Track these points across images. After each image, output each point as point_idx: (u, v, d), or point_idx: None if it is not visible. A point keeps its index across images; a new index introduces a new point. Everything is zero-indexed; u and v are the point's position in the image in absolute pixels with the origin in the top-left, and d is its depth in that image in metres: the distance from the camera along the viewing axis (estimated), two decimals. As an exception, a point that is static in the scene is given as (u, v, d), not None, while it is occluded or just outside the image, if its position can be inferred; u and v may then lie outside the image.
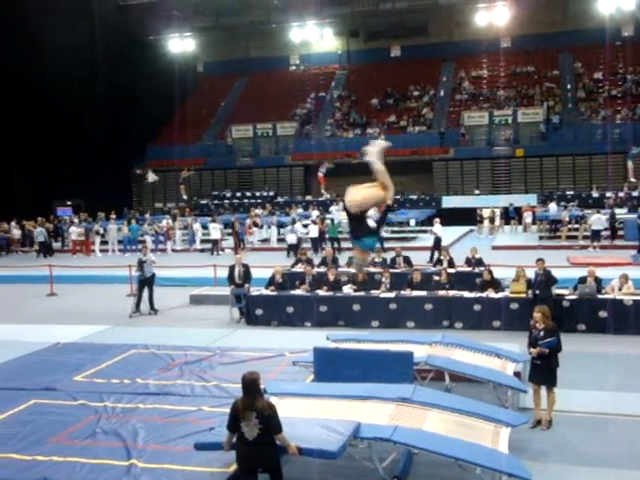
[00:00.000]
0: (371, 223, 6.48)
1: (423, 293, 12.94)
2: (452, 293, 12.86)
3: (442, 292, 12.92)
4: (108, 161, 35.90)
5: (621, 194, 29.23)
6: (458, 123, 37.81)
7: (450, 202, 34.01)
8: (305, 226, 24.66)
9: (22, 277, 19.76)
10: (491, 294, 12.62)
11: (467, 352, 8.91)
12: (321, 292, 13.30)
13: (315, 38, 43.97)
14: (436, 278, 13.48)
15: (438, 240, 20.47)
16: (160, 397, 8.16)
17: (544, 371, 7.70)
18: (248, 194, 37.86)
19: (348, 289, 13.49)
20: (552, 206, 27.70)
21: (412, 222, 28.06)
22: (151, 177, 36.25)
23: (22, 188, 32.31)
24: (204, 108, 42.79)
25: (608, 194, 29.23)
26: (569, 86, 38.83)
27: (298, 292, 13.48)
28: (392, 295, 12.94)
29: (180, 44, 42.98)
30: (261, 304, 13.37)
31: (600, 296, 12.15)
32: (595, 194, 30.98)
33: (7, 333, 12.40)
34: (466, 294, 12.77)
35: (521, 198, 32.04)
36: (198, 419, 7.28)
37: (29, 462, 6.36)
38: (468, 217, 29.85)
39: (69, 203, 35.18)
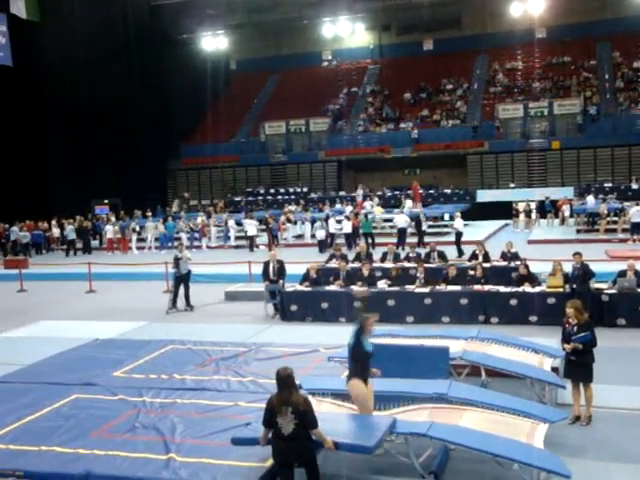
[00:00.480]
0: None
1: (458, 288, 12.84)
2: (488, 288, 12.73)
3: (477, 287, 12.80)
4: (144, 159, 36.44)
5: (662, 185, 28.60)
6: (492, 116, 37.35)
7: (485, 196, 33.67)
8: (339, 222, 24.67)
9: (62, 274, 20.18)
10: (527, 288, 12.46)
11: (503, 347, 8.82)
12: (355, 287, 13.28)
13: (347, 33, 43.89)
14: (471, 273, 13.36)
15: (459, 235, 20.51)
16: (197, 392, 8.26)
17: (579, 367, 7.56)
18: (281, 190, 38.02)
19: (383, 284, 13.46)
20: (590, 199, 27.21)
21: (446, 216, 27.86)
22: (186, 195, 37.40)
23: (61, 187, 32.97)
24: (237, 105, 43.06)
25: (648, 186, 28.63)
26: (607, 76, 38.01)
27: (332, 288, 13.49)
28: (427, 290, 12.87)
29: (213, 42, 43.30)
30: (296, 300, 13.42)
31: (640, 290, 11.90)
32: (635, 186, 30.33)
33: (48, 329, 12.69)
34: (502, 289, 12.63)
35: (558, 191, 31.52)
36: (234, 414, 7.35)
37: (72, 455, 6.51)
38: (503, 211, 29.51)
39: (106, 201, 35.77)
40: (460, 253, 19.52)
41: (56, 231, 28.77)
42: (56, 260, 24.48)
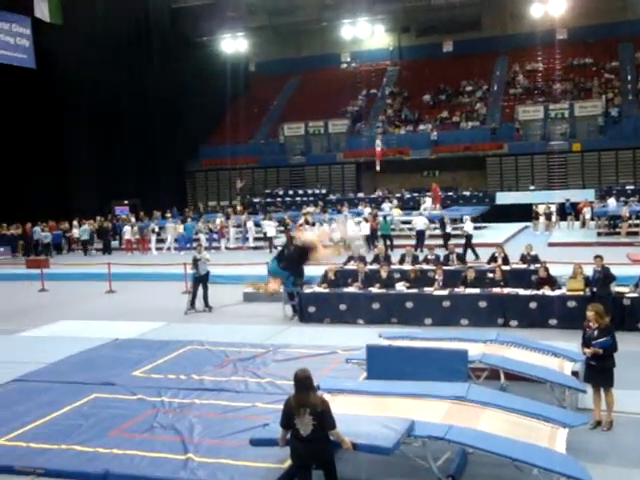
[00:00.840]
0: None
1: (477, 290, 12.77)
2: (507, 290, 12.65)
3: (496, 289, 12.72)
4: (164, 161, 36.68)
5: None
6: (512, 118, 37.11)
7: (504, 198, 33.46)
8: (357, 223, 24.63)
9: (82, 274, 20.37)
10: (547, 291, 12.35)
11: (523, 350, 8.75)
12: (374, 289, 13.26)
13: (366, 35, 43.84)
14: (490, 275, 13.28)
15: (469, 238, 20.33)
16: (215, 393, 8.30)
17: (599, 372, 7.46)
18: (300, 192, 38.07)
19: (401, 286, 13.41)
20: (611, 201, 26.91)
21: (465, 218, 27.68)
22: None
23: (82, 188, 33.27)
24: (256, 107, 43.19)
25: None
26: (629, 77, 37.58)
27: (351, 289, 13.48)
28: (445, 292, 12.81)
29: (232, 44, 43.48)
30: (314, 301, 13.42)
31: (663, 294, 11.74)
32: (657, 188, 29.97)
33: (69, 329, 12.81)
34: (521, 291, 12.53)
35: (578, 193, 31.24)
36: (252, 415, 7.37)
37: (91, 454, 6.57)
38: (523, 213, 29.31)
39: (126, 202, 36.06)
40: (476, 256, 19.36)
41: (76, 231, 29.06)
42: (76, 260, 24.72)
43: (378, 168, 34.53)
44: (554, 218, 28.36)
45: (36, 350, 10.95)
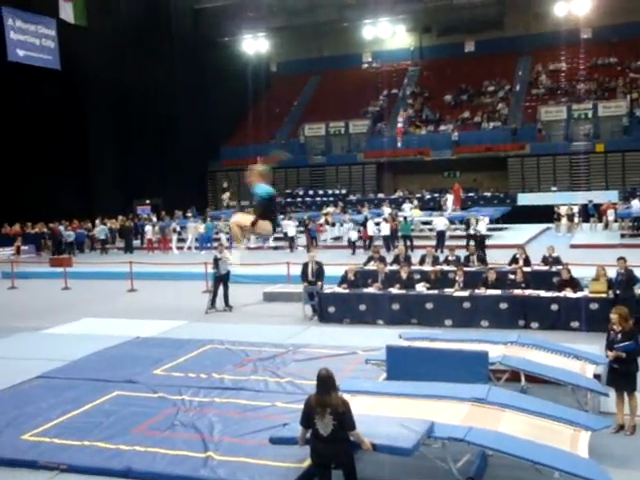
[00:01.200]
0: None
1: (498, 292, 12.70)
2: (528, 292, 12.55)
3: (518, 291, 12.63)
4: (185, 161, 36.96)
5: None
6: (534, 118, 36.83)
7: (526, 199, 33.23)
8: (377, 224, 24.61)
9: (104, 273, 20.60)
10: (569, 294, 12.24)
11: (544, 353, 8.68)
12: (394, 290, 13.24)
13: (387, 35, 43.82)
14: (511, 277, 13.19)
15: (482, 238, 20.19)
16: (235, 392, 8.33)
17: (622, 376, 7.36)
18: (320, 192, 38.12)
19: (421, 287, 13.37)
20: (635, 203, 26.58)
21: (486, 220, 27.51)
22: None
23: (105, 188, 33.63)
24: (277, 107, 43.33)
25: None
26: (655, 77, 37.14)
27: (370, 290, 13.46)
28: (466, 294, 12.75)
29: (253, 44, 43.66)
30: (334, 302, 13.43)
31: (687, 297, 11.57)
32: (682, 190, 29.55)
33: (91, 326, 12.95)
34: (543, 293, 12.42)
35: (601, 195, 30.92)
36: (272, 414, 7.40)
37: (113, 451, 6.65)
38: (545, 214, 29.06)
39: (148, 202, 36.36)
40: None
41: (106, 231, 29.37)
42: (98, 259, 24.99)
43: (400, 144, 34.52)
44: (577, 219, 28.09)
45: (59, 347, 11.08)
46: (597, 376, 8.23)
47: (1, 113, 28.50)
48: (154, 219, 30.81)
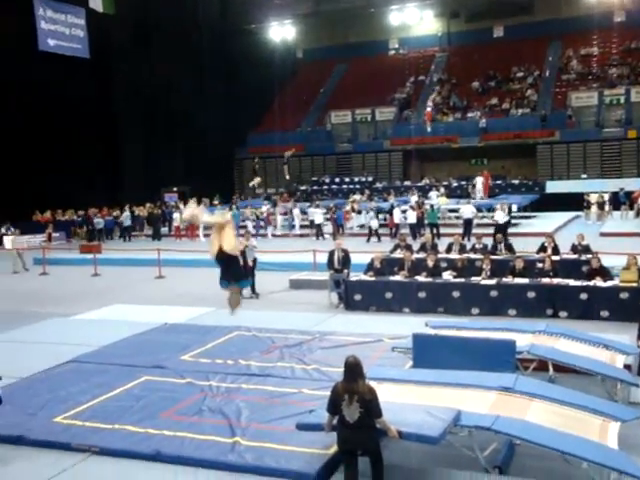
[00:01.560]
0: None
1: (525, 280, 12.57)
2: (556, 281, 12.41)
3: (546, 280, 12.49)
4: (212, 148, 37.12)
5: None
6: (564, 104, 36.23)
7: (555, 187, 32.79)
8: (404, 212, 24.51)
9: (133, 260, 20.82)
10: (599, 283, 12.08)
11: (572, 342, 8.58)
12: (420, 278, 13.19)
13: (415, 21, 43.38)
14: (539, 265, 13.05)
15: (499, 227, 20.05)
16: (262, 378, 8.39)
17: (655, 366, 7.29)
18: (346, 180, 38.04)
19: (448, 275, 13.31)
20: (668, 190, 26.10)
21: (514, 207, 27.25)
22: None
23: (133, 175, 33.97)
24: (303, 94, 43.24)
25: None
26: (690, 61, 36.27)
27: (397, 278, 13.43)
28: (493, 282, 12.65)
29: (280, 31, 43.54)
30: (360, 289, 13.42)
31: None
32: None
33: (120, 313, 13.13)
34: (572, 282, 12.27)
35: (633, 182, 30.37)
36: (298, 401, 7.44)
37: (143, 434, 6.75)
38: (574, 202, 28.67)
39: (175, 189, 36.63)
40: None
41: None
42: (126, 246, 25.29)
43: (429, 129, 34.22)
44: (607, 207, 27.66)
45: (89, 333, 11.25)
46: (627, 366, 8.13)
47: (33, 101, 28.90)
48: (181, 207, 31.02)
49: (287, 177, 32.66)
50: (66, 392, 8.09)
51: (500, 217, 20.67)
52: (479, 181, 29.57)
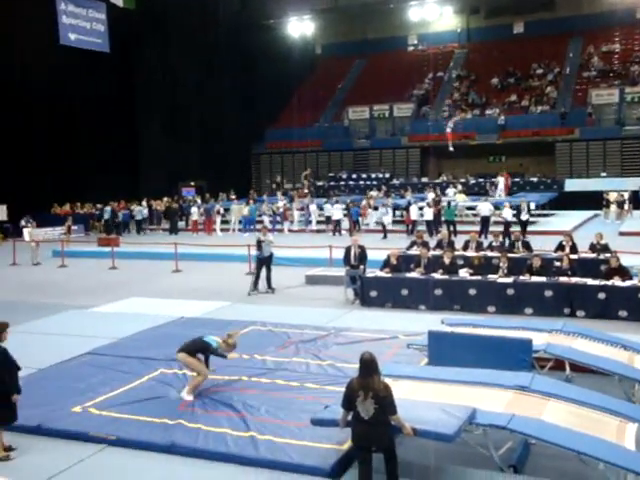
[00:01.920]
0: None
1: (543, 279, 12.49)
2: (574, 280, 12.31)
3: (563, 278, 12.40)
4: (230, 143, 37.19)
5: None
6: (585, 102, 35.85)
7: (574, 185, 32.46)
8: (421, 208, 24.43)
9: (150, 253, 20.94)
10: (618, 282, 11.97)
11: (590, 342, 8.51)
12: (436, 275, 13.15)
13: (434, 17, 43.12)
14: (557, 264, 12.95)
15: (508, 225, 19.79)
16: (277, 373, 8.43)
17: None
18: (364, 176, 37.94)
19: (464, 273, 13.25)
20: (689, 190, 25.77)
21: (532, 205, 27.02)
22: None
23: (152, 169, 34.17)
24: (321, 90, 43.17)
25: None
26: None
27: (413, 275, 13.40)
28: (510, 280, 12.58)
29: (298, 27, 43.49)
30: (376, 286, 13.41)
31: None
32: None
33: (138, 306, 13.24)
34: (590, 281, 12.17)
35: (654, 181, 30.01)
36: (313, 396, 7.46)
37: (159, 426, 6.83)
38: (593, 201, 28.38)
39: (192, 184, 36.77)
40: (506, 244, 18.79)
41: (145, 211, 29.89)
42: (144, 239, 25.45)
43: (451, 149, 33.98)
44: (627, 206, 27.37)
45: (107, 325, 11.37)
46: (645, 367, 8.04)
47: (54, 95, 29.15)
48: (199, 201, 31.17)
49: (306, 191, 32.81)
50: (83, 383, 8.18)
51: (508, 215, 20.50)
52: (501, 181, 29.40)
